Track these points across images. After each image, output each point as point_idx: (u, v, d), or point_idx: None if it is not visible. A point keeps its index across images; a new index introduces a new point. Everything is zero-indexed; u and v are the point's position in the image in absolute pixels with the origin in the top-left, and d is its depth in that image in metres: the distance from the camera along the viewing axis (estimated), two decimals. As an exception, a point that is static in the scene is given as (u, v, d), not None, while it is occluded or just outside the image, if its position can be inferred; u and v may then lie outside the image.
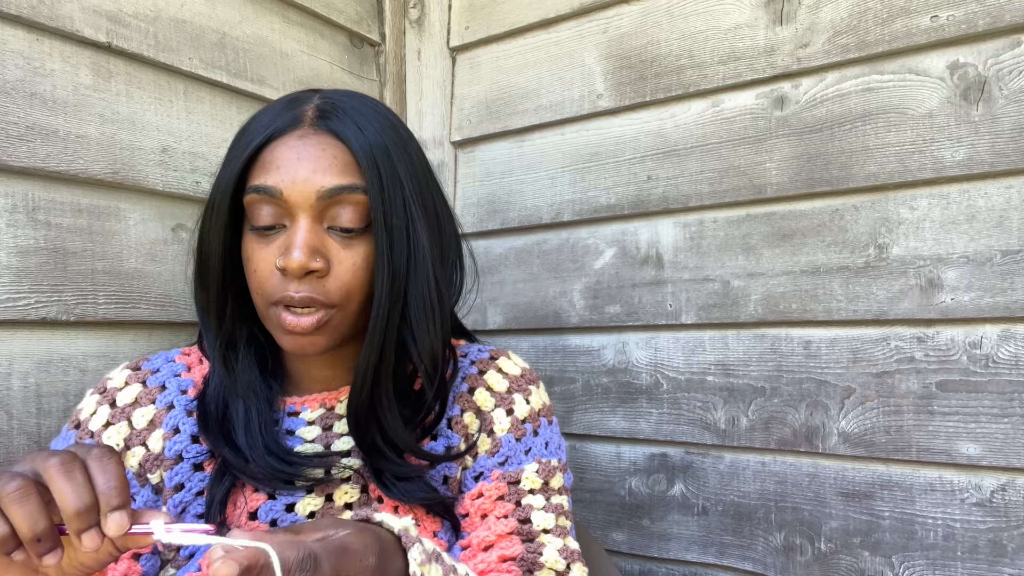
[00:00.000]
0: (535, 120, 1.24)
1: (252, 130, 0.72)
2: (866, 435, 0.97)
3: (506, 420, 0.79)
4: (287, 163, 0.68)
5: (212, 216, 0.72)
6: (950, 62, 0.93)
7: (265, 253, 0.70)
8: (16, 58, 0.85)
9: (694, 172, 1.10)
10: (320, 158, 0.69)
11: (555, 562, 0.72)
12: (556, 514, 0.76)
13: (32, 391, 0.87)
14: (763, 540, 1.05)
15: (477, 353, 0.84)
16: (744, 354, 1.07)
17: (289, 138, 0.69)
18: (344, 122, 0.70)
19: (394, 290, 0.70)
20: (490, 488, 0.75)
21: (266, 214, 0.69)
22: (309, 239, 0.68)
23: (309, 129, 0.70)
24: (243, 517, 0.70)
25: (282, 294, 0.68)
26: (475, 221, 1.30)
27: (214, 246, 0.73)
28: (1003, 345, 0.90)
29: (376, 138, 0.70)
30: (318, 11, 1.21)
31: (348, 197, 0.69)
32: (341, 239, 0.70)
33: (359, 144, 0.69)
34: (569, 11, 1.20)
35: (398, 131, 0.74)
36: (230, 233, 0.72)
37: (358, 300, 0.71)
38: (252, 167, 0.70)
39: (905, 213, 0.95)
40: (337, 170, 0.69)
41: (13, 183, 0.86)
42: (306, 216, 0.68)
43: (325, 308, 0.69)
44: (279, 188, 0.68)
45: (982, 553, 0.91)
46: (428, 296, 0.72)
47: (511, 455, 0.77)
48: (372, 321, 0.70)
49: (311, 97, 0.73)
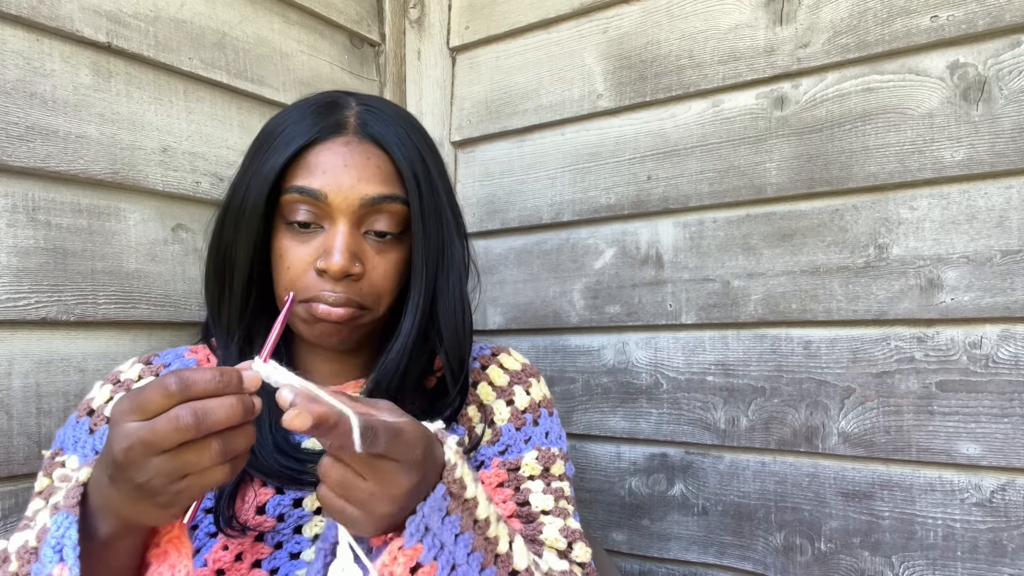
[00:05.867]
0: (535, 120, 1.24)
1: (289, 130, 0.73)
2: (866, 435, 0.97)
3: (506, 410, 0.80)
4: (333, 168, 0.71)
5: (242, 211, 0.74)
6: (950, 62, 0.93)
7: (301, 251, 0.72)
8: (16, 58, 0.85)
9: (694, 172, 1.10)
10: (365, 166, 0.72)
11: (555, 540, 0.72)
12: (556, 497, 0.76)
13: (32, 391, 0.87)
14: (763, 540, 1.05)
15: (479, 350, 0.86)
16: (744, 354, 1.07)
17: (334, 144, 0.72)
18: (386, 131, 0.73)
19: (427, 295, 0.74)
20: (490, 476, 0.76)
21: (304, 214, 0.72)
22: (350, 243, 0.71)
23: (354, 137, 0.73)
24: (252, 511, 0.70)
25: (316, 292, 0.71)
26: (475, 221, 1.30)
27: (243, 241, 0.74)
28: (1003, 345, 0.90)
29: (413, 148, 0.74)
30: (318, 11, 1.21)
31: (388, 206, 0.72)
32: (376, 244, 0.73)
33: (402, 154, 0.73)
34: (569, 11, 1.20)
35: (427, 139, 0.78)
36: (262, 229, 0.74)
37: (387, 303, 0.75)
38: (292, 167, 0.72)
39: (905, 213, 0.95)
40: (380, 179, 0.72)
41: (13, 183, 0.86)
42: (347, 221, 0.71)
43: (359, 308, 0.73)
44: (324, 192, 0.70)
45: (982, 553, 0.91)
46: (459, 298, 0.77)
47: (511, 444, 0.78)
48: (406, 323, 0.73)
49: (349, 102, 0.75)
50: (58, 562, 0.51)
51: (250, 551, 0.68)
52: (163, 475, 0.49)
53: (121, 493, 0.51)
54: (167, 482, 0.50)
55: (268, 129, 0.76)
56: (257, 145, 0.76)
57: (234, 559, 0.68)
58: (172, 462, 0.49)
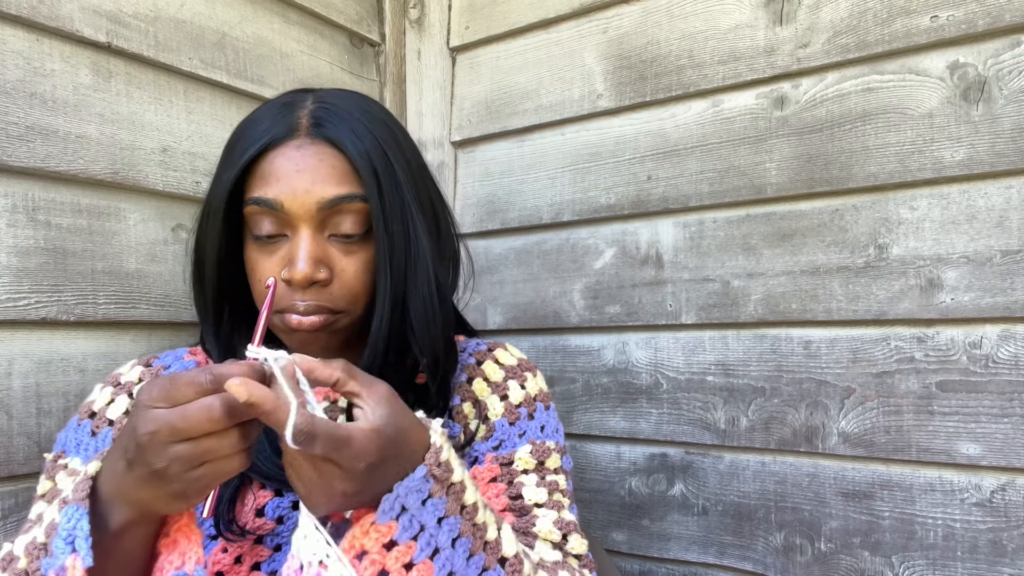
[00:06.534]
0: (535, 120, 1.24)
1: (247, 137, 0.72)
2: (866, 435, 0.97)
3: (500, 405, 0.79)
4: (286, 175, 0.69)
5: (208, 223, 0.73)
6: (950, 62, 0.93)
7: (268, 263, 0.71)
8: (16, 58, 0.85)
9: (694, 172, 1.10)
10: (318, 168, 0.69)
11: (549, 532, 0.71)
12: (550, 490, 0.75)
13: (32, 391, 0.87)
14: (763, 540, 1.05)
15: (475, 346, 0.85)
16: (744, 354, 1.07)
17: (286, 148, 0.69)
18: (340, 129, 0.70)
19: (395, 293, 0.71)
20: (483, 471, 0.75)
21: (267, 225, 0.70)
22: (312, 250, 0.69)
23: (306, 139, 0.70)
24: (251, 513, 0.70)
25: (288, 303, 0.70)
26: (475, 221, 1.30)
27: (209, 253, 0.73)
28: (1003, 345, 0.90)
29: (372, 143, 0.71)
30: (318, 11, 1.21)
31: (348, 206, 0.70)
32: (343, 246, 0.71)
33: (356, 151, 0.69)
34: (569, 11, 1.20)
35: (392, 131, 0.75)
36: (226, 240, 0.73)
37: (363, 303, 0.73)
38: (249, 177, 0.70)
39: (905, 213, 0.95)
40: (336, 180, 0.69)
41: (13, 183, 0.86)
42: (307, 227, 0.69)
43: (331, 313, 0.71)
44: (279, 200, 0.68)
45: (982, 553, 0.91)
46: (428, 295, 0.73)
47: (504, 439, 0.77)
48: (375, 323, 0.71)
49: (304, 101, 0.73)
50: (71, 553, 0.50)
51: (249, 553, 0.68)
52: (182, 461, 0.50)
53: (136, 479, 0.51)
54: (184, 469, 0.50)
55: (234, 133, 0.75)
56: (224, 151, 0.74)
57: (234, 561, 0.68)
58: (194, 449, 0.49)
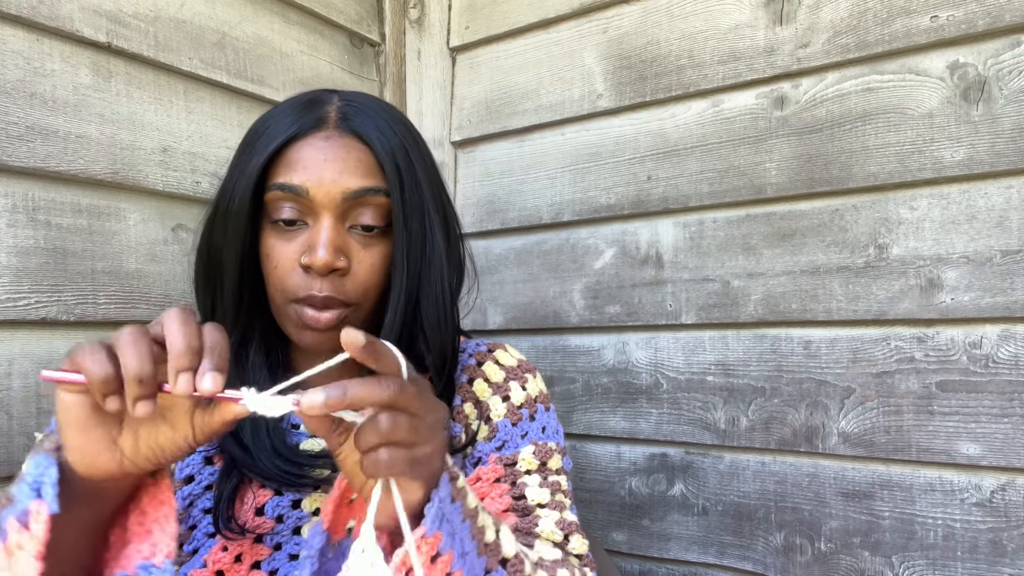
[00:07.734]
0: (535, 120, 1.24)
1: (272, 128, 0.73)
2: (866, 435, 0.97)
3: (502, 406, 0.79)
4: (314, 163, 0.70)
5: (228, 213, 0.73)
6: (950, 62, 0.93)
7: (287, 249, 0.71)
8: (16, 58, 0.85)
9: (694, 172, 1.10)
10: (346, 160, 0.71)
11: (551, 532, 0.72)
12: (552, 490, 0.76)
13: (32, 391, 0.87)
14: (763, 540, 1.05)
15: (476, 347, 0.85)
16: (744, 354, 1.07)
17: (314, 138, 0.71)
18: (367, 124, 0.72)
19: (409, 290, 0.73)
20: (487, 471, 0.76)
21: (288, 210, 0.71)
22: (334, 238, 0.70)
23: (334, 131, 0.72)
24: (250, 512, 0.70)
25: (306, 292, 0.70)
26: (475, 221, 1.30)
27: (231, 243, 0.73)
28: (1003, 345, 0.90)
29: (396, 141, 0.73)
30: (318, 11, 1.21)
31: (371, 199, 0.71)
32: (361, 238, 0.72)
33: (382, 147, 0.72)
34: (569, 11, 1.20)
35: (413, 133, 0.77)
36: (251, 233, 0.73)
37: (373, 298, 0.74)
38: (274, 165, 0.72)
39: (905, 213, 0.95)
40: (362, 172, 0.71)
41: (13, 183, 0.86)
42: (330, 215, 0.71)
43: (344, 306, 0.72)
44: (305, 187, 0.70)
45: (982, 553, 0.91)
46: (441, 295, 0.75)
47: (507, 439, 0.78)
48: (388, 318, 0.72)
49: (331, 98, 0.75)
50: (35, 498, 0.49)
51: (249, 552, 0.68)
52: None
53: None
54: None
55: (253, 128, 0.76)
56: (243, 146, 0.75)
57: (233, 560, 0.68)
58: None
